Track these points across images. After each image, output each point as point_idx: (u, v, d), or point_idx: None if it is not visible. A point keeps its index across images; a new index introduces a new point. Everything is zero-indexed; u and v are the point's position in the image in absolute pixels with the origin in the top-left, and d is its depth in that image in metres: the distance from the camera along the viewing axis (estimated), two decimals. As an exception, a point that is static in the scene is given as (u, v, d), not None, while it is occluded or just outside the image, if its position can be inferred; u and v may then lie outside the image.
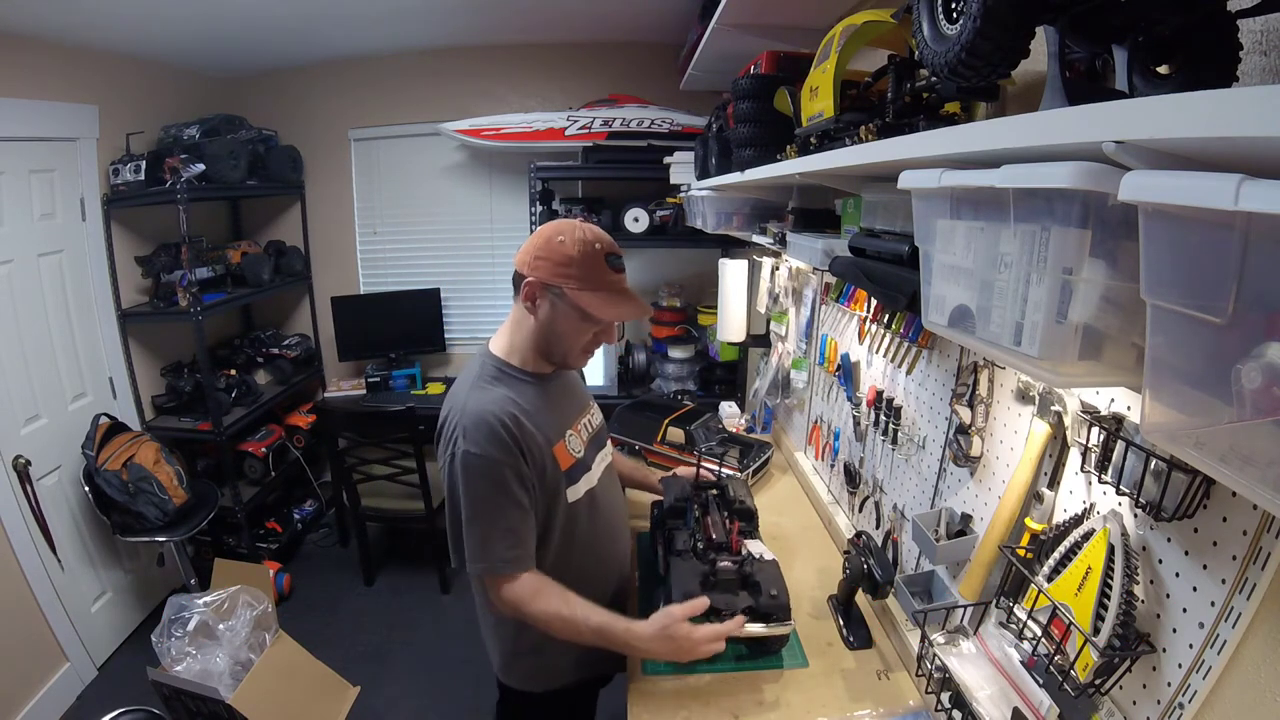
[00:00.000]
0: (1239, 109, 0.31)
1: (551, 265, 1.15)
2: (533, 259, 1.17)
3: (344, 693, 2.30)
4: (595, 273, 1.16)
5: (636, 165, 2.91)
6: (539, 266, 1.16)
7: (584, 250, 1.15)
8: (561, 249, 1.15)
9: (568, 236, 1.16)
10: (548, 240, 1.16)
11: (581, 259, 1.15)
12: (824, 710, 1.16)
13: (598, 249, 1.16)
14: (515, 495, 1.14)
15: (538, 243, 1.18)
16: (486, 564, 1.14)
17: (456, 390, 1.22)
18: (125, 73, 2.77)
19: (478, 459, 1.11)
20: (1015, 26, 0.51)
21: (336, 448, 2.88)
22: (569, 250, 1.15)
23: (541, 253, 1.16)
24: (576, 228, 1.17)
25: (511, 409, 1.15)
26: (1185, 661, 0.69)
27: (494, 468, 1.12)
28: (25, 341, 2.41)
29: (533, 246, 1.18)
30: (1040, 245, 0.51)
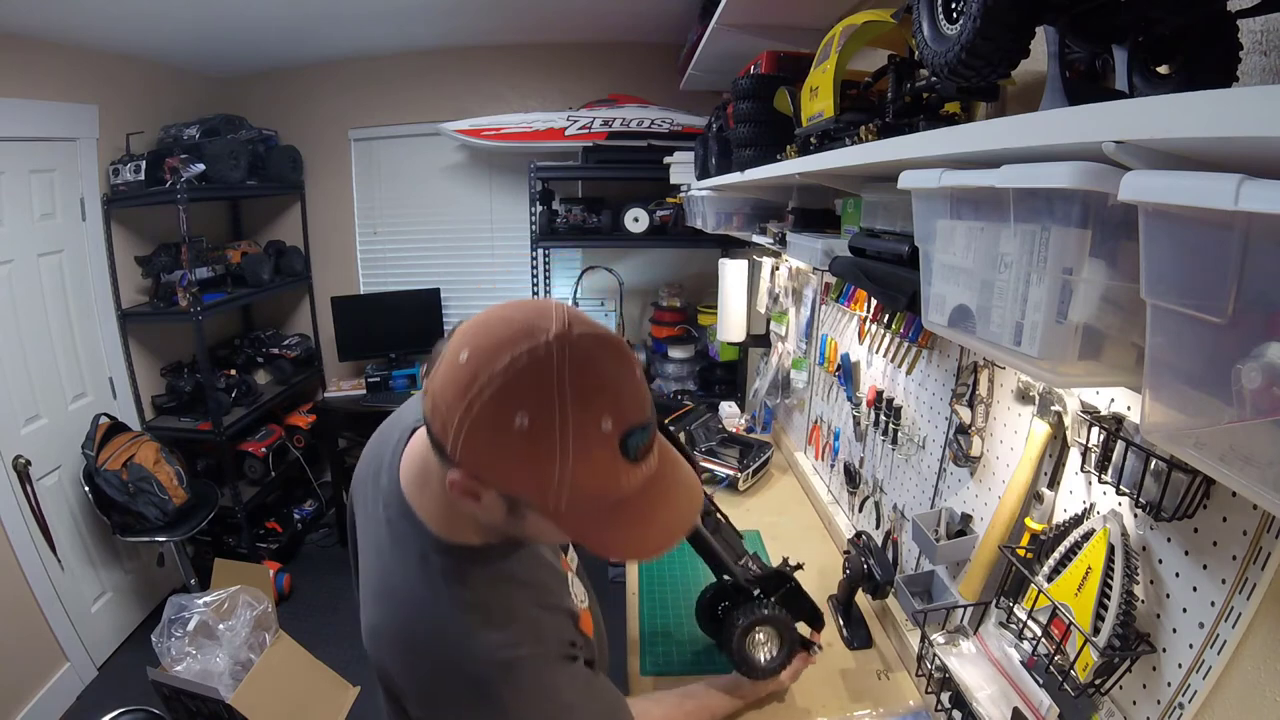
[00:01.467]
0: (1239, 109, 0.31)
1: (503, 465, 0.56)
2: (462, 439, 0.55)
3: (344, 693, 2.30)
4: (597, 479, 0.57)
5: (636, 165, 2.91)
6: (478, 458, 0.57)
7: (577, 440, 0.55)
8: (525, 445, 0.54)
9: (532, 412, 0.54)
10: (493, 415, 0.54)
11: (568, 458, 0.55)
12: (824, 710, 1.16)
13: (606, 430, 0.55)
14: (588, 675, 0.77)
15: (469, 408, 0.54)
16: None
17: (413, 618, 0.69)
18: (125, 73, 2.77)
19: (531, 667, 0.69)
20: (1015, 26, 0.51)
21: (336, 448, 2.88)
22: (549, 455, 0.54)
23: (479, 437, 0.55)
24: (559, 369, 0.54)
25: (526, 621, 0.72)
26: (1185, 661, 0.69)
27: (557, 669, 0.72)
28: (25, 341, 2.41)
29: (457, 409, 0.55)
30: (1040, 245, 0.51)
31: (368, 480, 0.80)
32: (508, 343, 0.55)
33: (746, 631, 1.09)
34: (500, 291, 3.56)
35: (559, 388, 0.54)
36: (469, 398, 0.54)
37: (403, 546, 0.71)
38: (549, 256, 3.38)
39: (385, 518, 0.73)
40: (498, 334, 0.56)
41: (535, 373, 0.54)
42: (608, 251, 3.34)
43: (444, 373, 0.57)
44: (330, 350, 3.56)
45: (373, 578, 0.74)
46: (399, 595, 0.71)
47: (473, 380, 0.55)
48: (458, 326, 0.61)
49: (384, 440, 0.81)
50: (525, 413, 0.54)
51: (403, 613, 0.70)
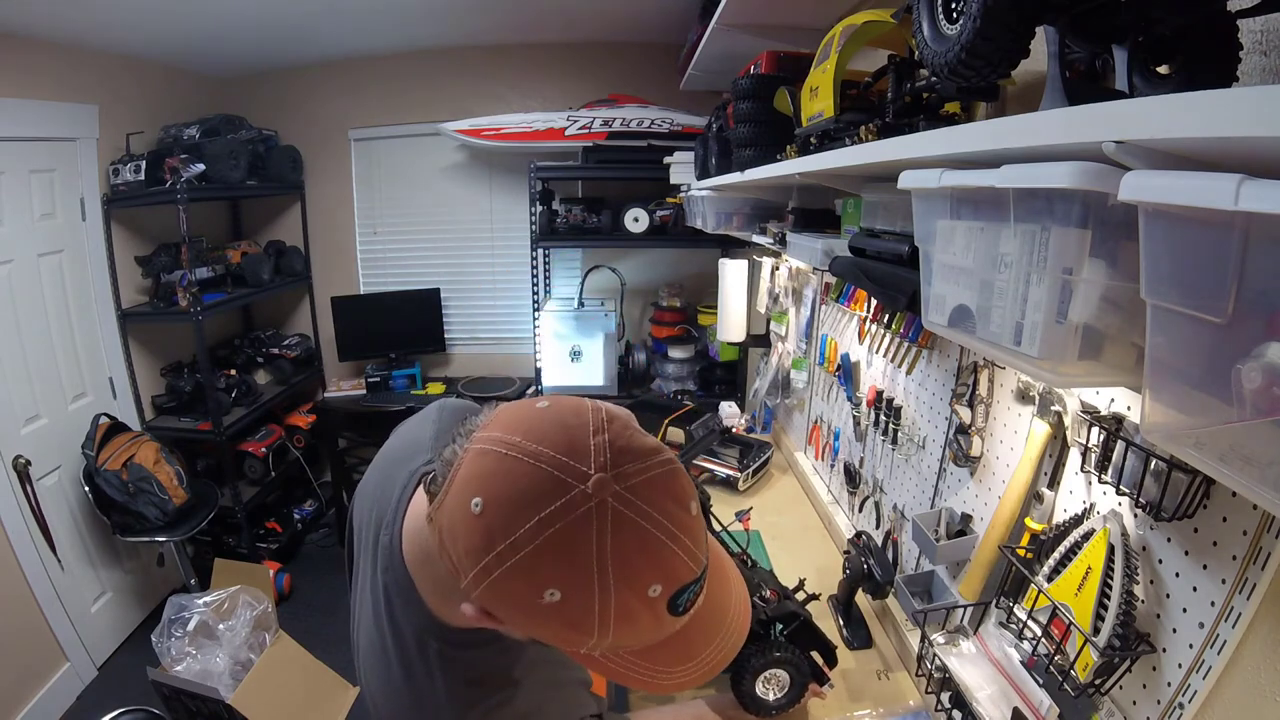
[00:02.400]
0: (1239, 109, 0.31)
1: (524, 618, 0.50)
2: (474, 582, 0.48)
3: (344, 693, 2.30)
4: (638, 638, 0.51)
5: (636, 165, 2.91)
6: (495, 604, 0.50)
7: (618, 613, 0.47)
8: (552, 615, 0.48)
9: (564, 579, 0.47)
10: (521, 572, 0.47)
11: (608, 631, 0.48)
12: (824, 710, 1.16)
13: (653, 596, 0.49)
14: None
15: (495, 560, 0.47)
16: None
17: None
18: (125, 73, 2.77)
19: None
20: (1015, 26, 0.51)
21: (336, 448, 2.88)
22: (576, 629, 0.48)
23: (496, 588, 0.48)
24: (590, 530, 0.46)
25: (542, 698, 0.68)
26: (1185, 661, 0.69)
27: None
28: (25, 341, 2.41)
29: (467, 554, 0.48)
30: (1040, 245, 0.51)
31: (369, 524, 0.72)
32: (533, 500, 0.46)
33: (758, 673, 1.06)
34: (500, 291, 3.56)
35: (599, 560, 0.45)
36: (485, 561, 0.46)
37: (400, 624, 0.65)
38: (549, 256, 3.38)
39: (383, 584, 0.66)
40: (522, 486, 0.46)
41: (570, 544, 0.45)
42: (608, 251, 3.34)
43: (453, 514, 0.48)
44: (330, 350, 3.56)
45: (370, 644, 0.68)
46: (395, 679, 0.65)
47: (489, 542, 0.46)
48: (470, 430, 0.51)
49: (389, 480, 0.71)
50: (555, 589, 0.46)
51: (399, 699, 0.65)
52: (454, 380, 3.50)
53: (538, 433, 0.49)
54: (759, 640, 1.09)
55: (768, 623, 1.12)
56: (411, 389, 3.37)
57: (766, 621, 1.11)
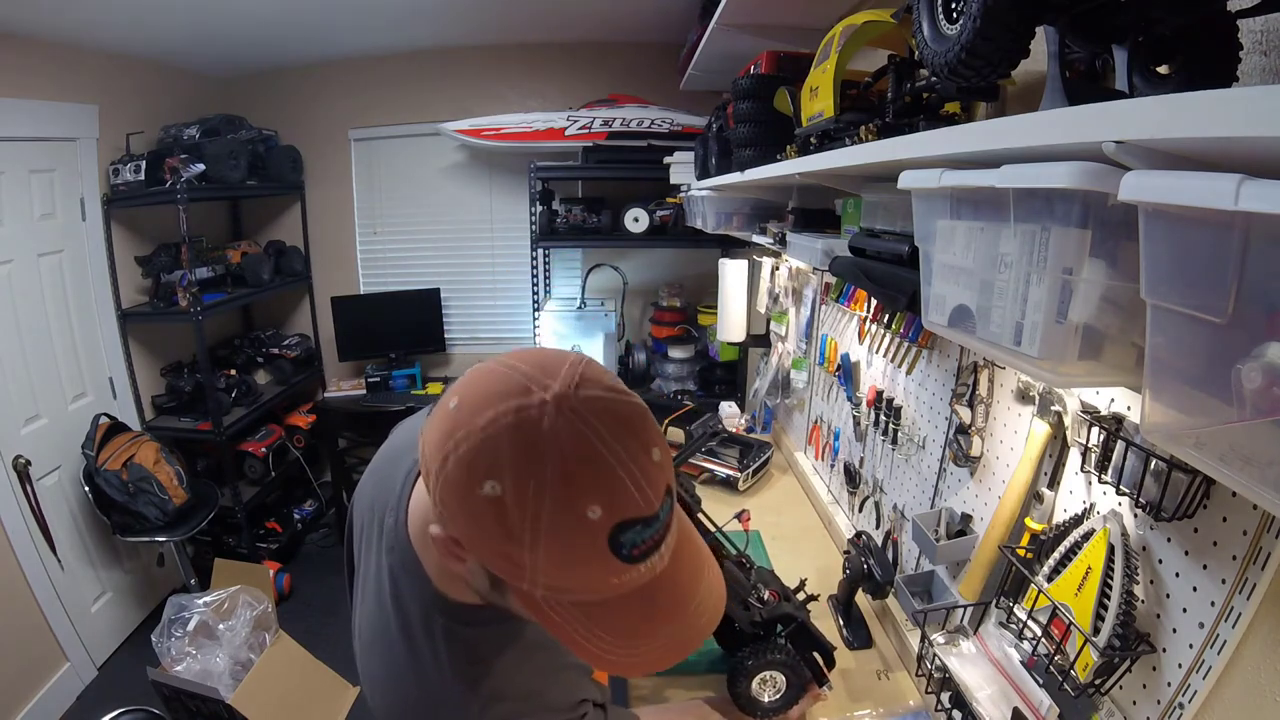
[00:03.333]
0: (1239, 109, 0.31)
1: (469, 523, 0.50)
2: (434, 480, 0.51)
3: (344, 693, 2.30)
4: (574, 574, 0.50)
5: (636, 165, 2.91)
6: (449, 509, 0.51)
7: (550, 522, 0.47)
8: (487, 502, 0.48)
9: (505, 469, 0.47)
10: (465, 482, 0.48)
11: (539, 542, 0.48)
12: (824, 710, 1.16)
13: (593, 518, 0.47)
14: None
15: (445, 470, 0.49)
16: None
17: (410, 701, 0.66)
18: (125, 73, 2.77)
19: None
20: (1015, 27, 0.51)
21: (336, 448, 2.88)
22: (505, 511, 0.47)
23: (453, 500, 0.50)
24: (540, 426, 0.48)
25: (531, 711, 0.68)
26: (1185, 661, 0.69)
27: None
28: (25, 341, 2.41)
29: (434, 468, 0.50)
30: (1040, 245, 0.51)
31: (373, 510, 0.72)
32: (498, 396, 0.49)
33: (754, 674, 1.06)
34: (501, 291, 3.56)
35: (540, 458, 0.47)
36: (445, 450, 0.49)
37: (406, 602, 0.65)
38: (549, 256, 3.38)
39: (389, 565, 0.67)
40: (492, 385, 0.50)
41: (517, 435, 0.47)
42: (608, 251, 3.35)
43: (435, 418, 0.52)
44: (330, 350, 3.56)
45: (373, 629, 0.69)
46: (400, 658, 0.65)
47: (453, 431, 0.49)
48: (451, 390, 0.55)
49: (393, 465, 0.72)
50: (495, 481, 0.47)
51: (403, 679, 0.65)
52: (454, 380, 3.49)
53: (520, 355, 0.53)
54: (757, 641, 1.09)
55: (766, 624, 1.11)
56: (411, 389, 3.37)
57: (764, 623, 1.11)
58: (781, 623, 1.12)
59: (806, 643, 1.11)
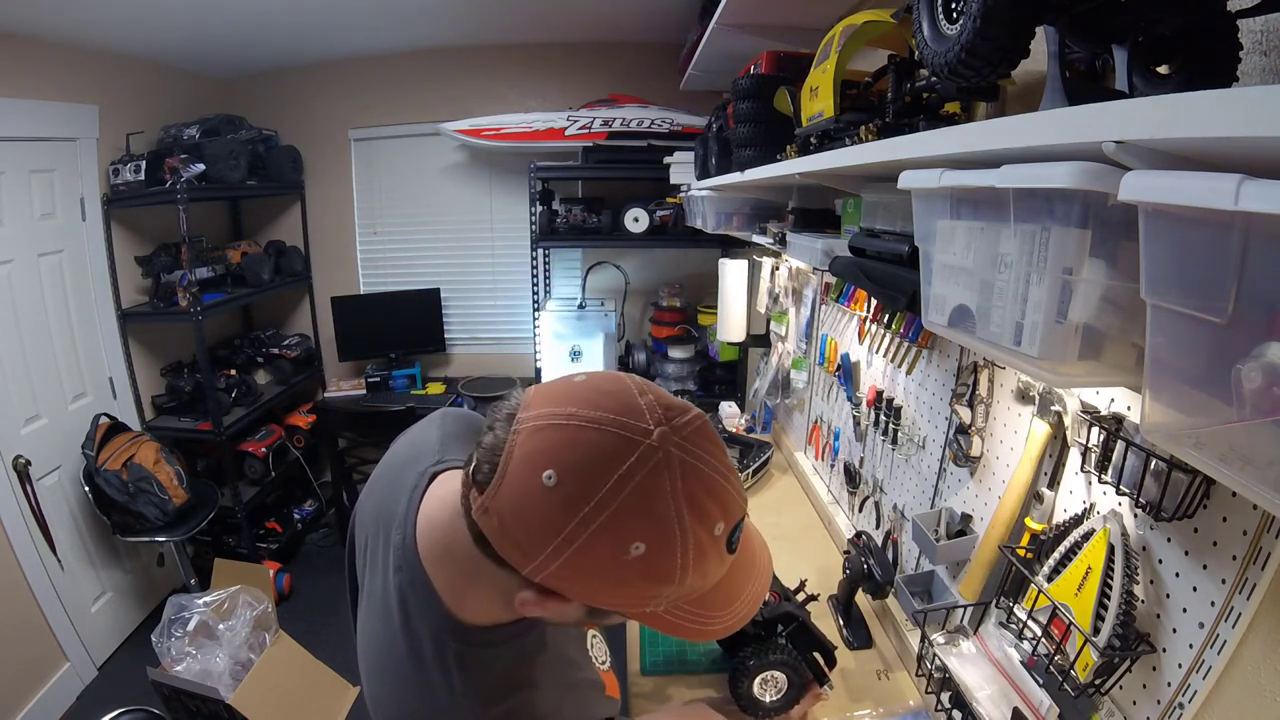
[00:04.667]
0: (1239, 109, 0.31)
1: (601, 584, 0.51)
2: (560, 571, 0.50)
3: (344, 693, 2.30)
4: (704, 582, 0.53)
5: (636, 165, 2.91)
6: (576, 586, 0.51)
7: (695, 556, 0.50)
8: (636, 575, 0.49)
9: (648, 528, 0.48)
10: (607, 531, 0.48)
11: (686, 574, 0.50)
12: (824, 710, 1.16)
13: (718, 535, 0.52)
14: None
15: (572, 537, 0.48)
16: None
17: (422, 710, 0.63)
18: (125, 73, 2.77)
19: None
20: (1015, 26, 0.51)
21: (336, 448, 2.88)
22: (662, 580, 0.50)
23: (582, 570, 0.49)
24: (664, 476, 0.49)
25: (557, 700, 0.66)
26: (1185, 661, 0.69)
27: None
28: (25, 341, 2.41)
29: (542, 527, 0.49)
30: (1040, 245, 0.51)
31: (378, 526, 0.70)
32: (609, 459, 0.47)
33: (755, 674, 1.07)
34: (500, 291, 3.56)
35: (675, 506, 0.48)
36: (567, 530, 0.47)
37: (415, 624, 0.63)
38: (549, 256, 3.38)
39: (396, 584, 0.64)
40: (592, 447, 0.48)
41: (647, 497, 0.47)
42: (609, 251, 3.35)
43: (520, 494, 0.48)
44: (330, 350, 3.56)
45: (381, 651, 0.66)
46: (409, 680, 0.63)
47: (571, 510, 0.47)
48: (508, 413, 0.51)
49: (396, 480, 0.71)
50: (641, 542, 0.47)
51: (412, 701, 0.63)
52: (454, 380, 3.50)
53: (589, 401, 0.50)
54: (757, 641, 1.09)
55: (767, 624, 1.11)
56: (411, 389, 3.37)
57: (765, 623, 1.11)
58: (782, 622, 1.12)
59: (807, 642, 1.12)
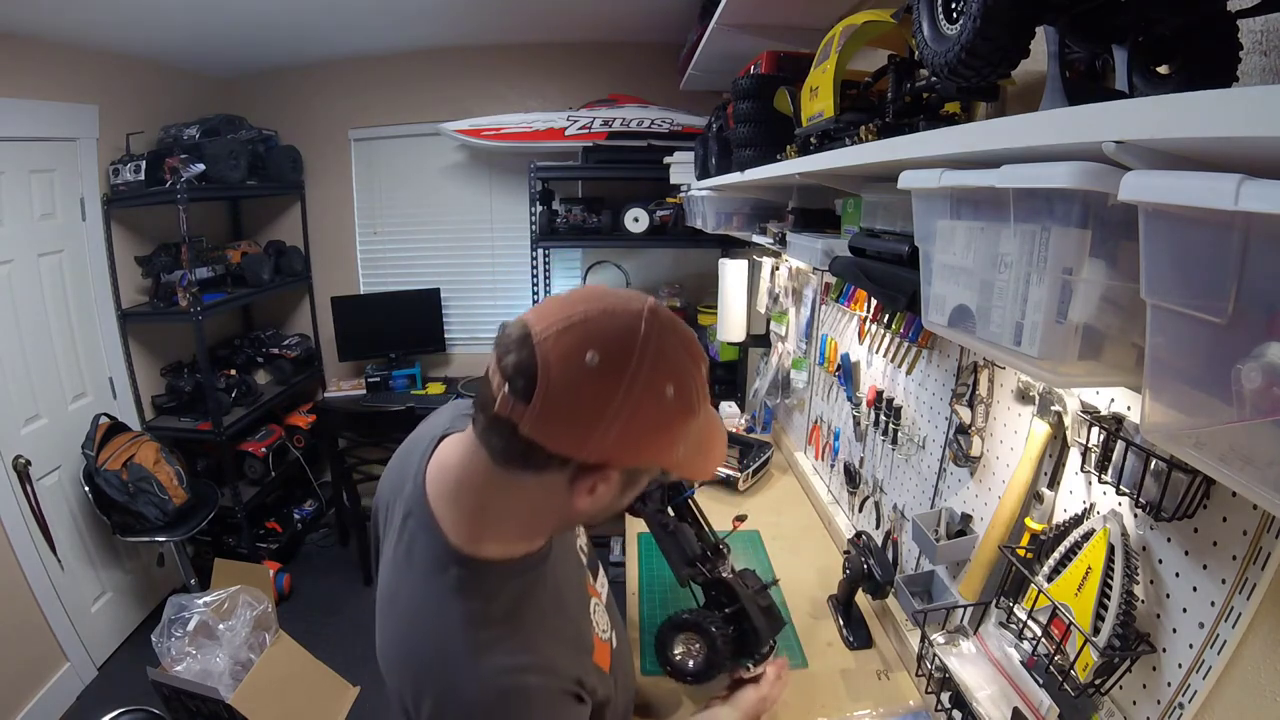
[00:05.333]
0: (1239, 109, 0.31)
1: (654, 438, 0.62)
2: (617, 434, 0.59)
3: (344, 693, 2.30)
4: (706, 423, 0.68)
5: (636, 165, 2.91)
6: (627, 446, 0.61)
7: (701, 393, 0.65)
8: (679, 410, 0.62)
9: (676, 378, 0.61)
10: (655, 395, 0.59)
11: (701, 408, 0.65)
12: (824, 710, 1.16)
13: (703, 379, 0.66)
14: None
15: (626, 400, 0.58)
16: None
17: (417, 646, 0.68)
18: (125, 73, 2.77)
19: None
20: (1015, 27, 0.51)
21: (336, 448, 2.88)
22: (682, 408, 0.62)
23: (640, 423, 0.60)
24: (677, 347, 0.62)
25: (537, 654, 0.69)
26: (1185, 661, 0.69)
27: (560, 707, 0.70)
28: (25, 341, 2.41)
29: (609, 407, 0.58)
30: (1040, 245, 0.51)
31: (393, 495, 0.78)
32: (630, 332, 0.59)
33: (679, 629, 1.12)
34: (500, 291, 3.56)
35: (680, 353, 0.62)
36: (619, 397, 0.57)
37: (420, 557, 0.69)
38: (549, 256, 3.38)
39: (406, 531, 0.72)
40: (614, 329, 0.59)
41: (663, 349, 0.60)
42: (608, 251, 3.34)
43: (570, 383, 0.57)
44: (330, 350, 3.56)
45: (386, 591, 0.72)
46: (410, 606, 0.69)
47: (618, 378, 0.57)
48: (524, 335, 0.58)
49: (410, 454, 0.79)
50: (671, 385, 0.60)
51: (410, 625, 0.68)
52: (454, 380, 3.50)
53: (587, 301, 0.61)
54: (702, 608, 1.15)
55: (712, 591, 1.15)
56: (411, 389, 3.37)
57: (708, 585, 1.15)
58: (726, 597, 1.14)
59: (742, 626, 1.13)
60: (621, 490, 0.67)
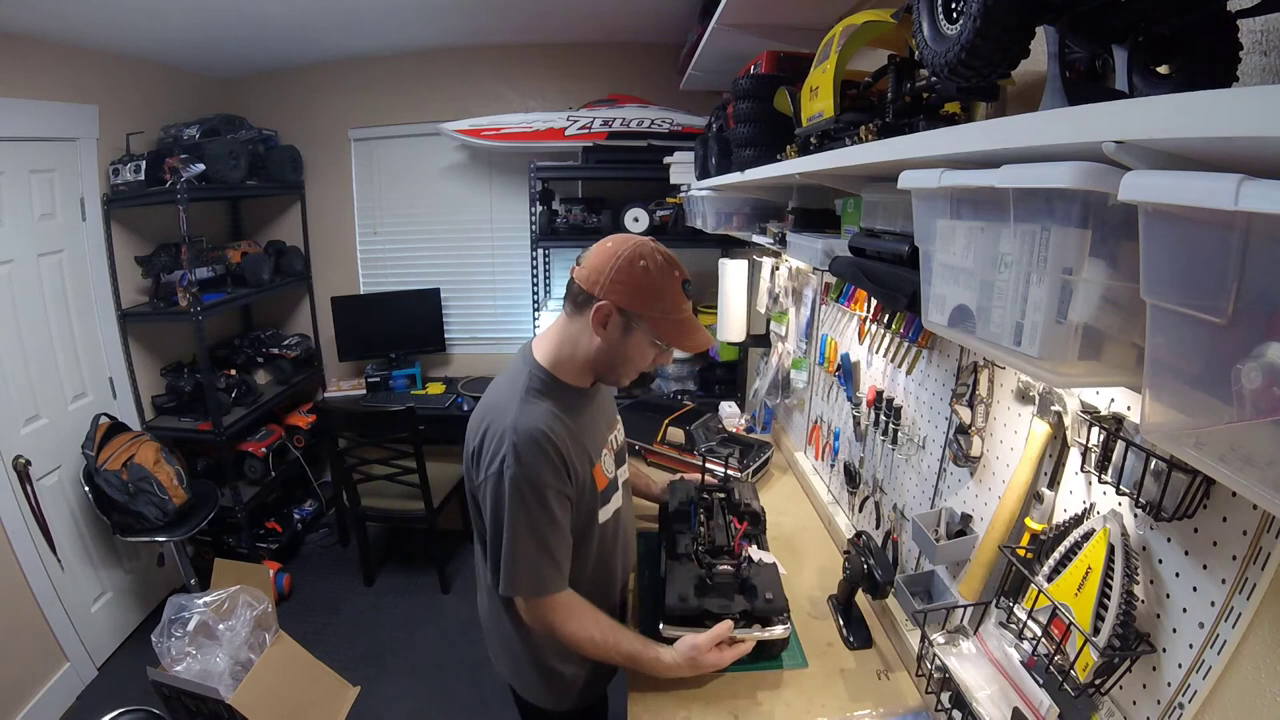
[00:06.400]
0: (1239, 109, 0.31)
1: (632, 291, 1.09)
2: (609, 281, 1.08)
3: (344, 693, 2.30)
4: (678, 303, 1.12)
5: (636, 165, 2.91)
6: (618, 291, 1.08)
7: (667, 280, 1.10)
8: (645, 276, 1.09)
9: (650, 262, 1.09)
10: (628, 263, 1.09)
11: (668, 289, 1.10)
12: (824, 710, 1.16)
13: (677, 276, 1.12)
14: (559, 518, 1.11)
15: (616, 264, 1.09)
16: (529, 588, 1.13)
17: (499, 401, 1.14)
18: (125, 73, 2.78)
19: (530, 481, 1.07)
20: (1015, 27, 0.51)
21: (336, 448, 2.88)
22: (656, 280, 1.09)
23: (621, 277, 1.08)
24: (656, 251, 1.12)
25: (561, 429, 1.10)
26: (1185, 661, 0.69)
27: (544, 490, 1.08)
28: (25, 341, 2.41)
29: (608, 267, 1.09)
30: (1040, 245, 0.51)
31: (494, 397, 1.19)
32: (628, 238, 1.14)
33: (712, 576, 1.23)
34: (500, 291, 3.57)
35: (659, 254, 1.12)
36: (610, 260, 1.10)
37: (514, 367, 1.20)
38: (549, 256, 3.38)
39: (513, 367, 1.21)
40: (618, 240, 1.13)
41: (645, 245, 1.12)
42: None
43: (596, 255, 1.12)
44: (330, 350, 3.57)
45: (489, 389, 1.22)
46: (499, 384, 1.20)
47: (614, 256, 1.10)
48: (597, 246, 1.14)
49: (509, 375, 1.20)
50: (645, 261, 1.10)
51: (494, 390, 1.19)
52: (454, 380, 3.50)
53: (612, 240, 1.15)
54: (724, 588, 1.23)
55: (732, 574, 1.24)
56: (411, 389, 3.37)
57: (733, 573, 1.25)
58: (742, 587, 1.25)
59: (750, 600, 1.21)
60: (623, 331, 1.12)
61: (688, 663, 1.15)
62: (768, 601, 1.19)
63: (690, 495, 1.45)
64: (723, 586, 1.22)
